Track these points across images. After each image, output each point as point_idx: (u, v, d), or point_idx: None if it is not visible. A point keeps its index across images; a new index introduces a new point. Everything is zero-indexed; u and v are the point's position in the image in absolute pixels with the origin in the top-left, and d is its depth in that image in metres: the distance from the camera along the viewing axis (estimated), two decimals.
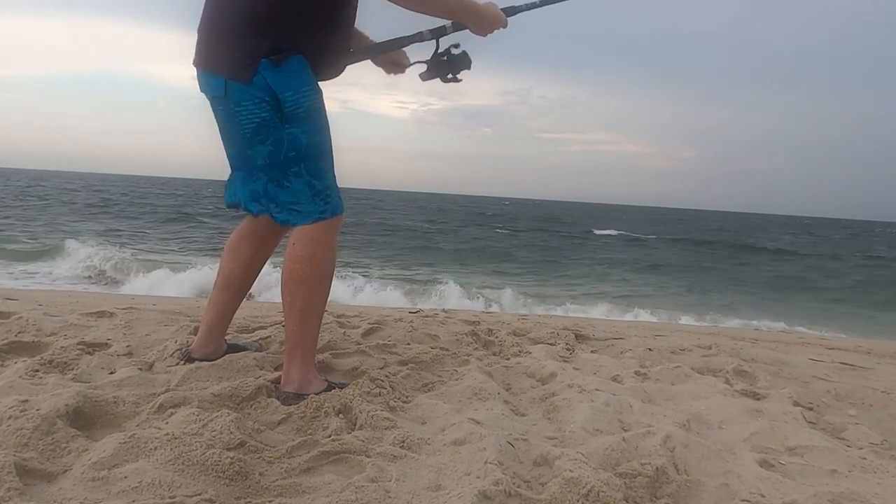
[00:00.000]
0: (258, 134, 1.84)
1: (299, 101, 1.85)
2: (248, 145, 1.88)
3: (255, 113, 1.83)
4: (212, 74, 1.87)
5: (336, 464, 1.51)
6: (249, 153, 1.89)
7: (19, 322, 2.52)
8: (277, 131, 1.84)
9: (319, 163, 1.91)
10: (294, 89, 1.84)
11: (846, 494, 1.50)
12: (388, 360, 2.35)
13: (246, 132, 1.85)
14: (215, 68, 1.86)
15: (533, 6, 2.18)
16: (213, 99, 1.90)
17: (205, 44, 1.90)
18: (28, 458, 1.36)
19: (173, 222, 20.03)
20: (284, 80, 1.82)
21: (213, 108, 1.93)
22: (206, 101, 1.95)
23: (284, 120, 1.84)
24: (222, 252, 2.17)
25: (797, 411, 2.11)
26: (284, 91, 1.82)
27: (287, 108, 1.83)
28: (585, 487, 1.38)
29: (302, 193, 1.88)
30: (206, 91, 1.91)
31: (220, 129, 1.95)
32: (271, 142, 1.85)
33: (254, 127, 1.84)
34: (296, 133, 1.85)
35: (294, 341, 1.93)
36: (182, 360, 2.10)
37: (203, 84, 1.91)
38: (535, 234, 27.20)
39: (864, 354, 3.80)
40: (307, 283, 1.90)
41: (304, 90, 1.87)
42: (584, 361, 2.64)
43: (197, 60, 1.92)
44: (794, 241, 33.58)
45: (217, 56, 1.86)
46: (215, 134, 2.00)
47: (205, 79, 1.90)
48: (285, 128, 1.84)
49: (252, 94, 1.81)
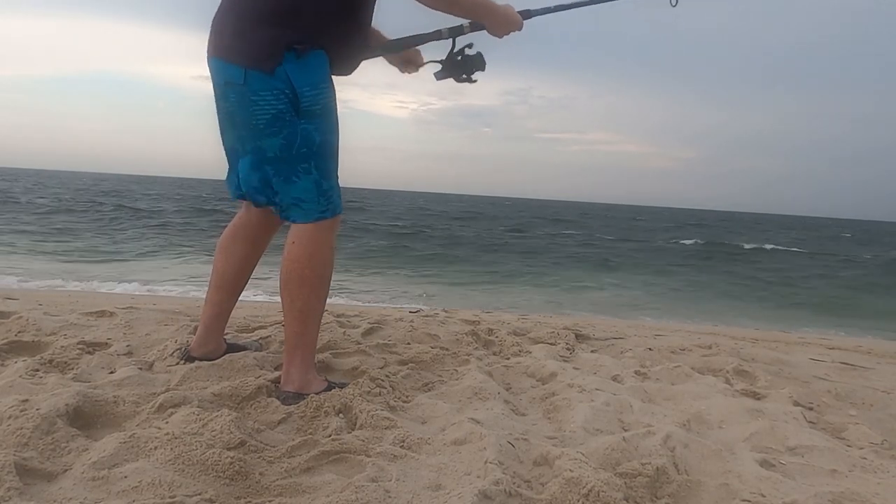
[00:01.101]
0: (272, 126, 1.83)
1: (316, 98, 1.84)
2: (259, 136, 1.85)
3: (273, 104, 1.81)
4: (230, 62, 1.83)
5: (336, 463, 1.51)
6: (259, 144, 1.86)
7: (19, 321, 2.52)
8: (292, 125, 1.83)
9: (329, 162, 1.91)
10: (313, 84, 1.83)
11: (846, 494, 1.50)
12: (388, 360, 2.35)
13: (259, 123, 1.83)
14: (235, 57, 1.82)
15: (547, 11, 2.20)
16: (227, 85, 1.86)
17: (224, 32, 1.87)
18: (28, 458, 1.36)
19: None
20: (305, 75, 1.81)
21: (224, 95, 1.88)
22: (211, 91, 1.92)
23: (300, 115, 1.83)
24: (215, 251, 2.17)
25: (797, 411, 2.11)
26: (303, 86, 1.81)
27: (304, 104, 1.83)
28: (586, 487, 1.38)
29: (309, 191, 1.88)
30: (219, 77, 1.88)
31: (227, 116, 1.92)
32: (284, 135, 1.83)
33: (268, 118, 1.82)
34: (309, 129, 1.85)
35: (294, 341, 1.92)
36: (181, 359, 2.10)
37: (217, 71, 1.88)
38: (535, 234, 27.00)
39: (865, 354, 3.81)
40: (307, 283, 1.90)
41: (323, 86, 1.86)
42: (585, 361, 2.64)
43: (213, 48, 1.89)
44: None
45: (239, 44, 1.83)
46: (214, 133, 1.99)
47: (221, 66, 1.86)
48: (300, 123, 1.83)
49: (272, 85, 1.80)
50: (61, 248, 11.67)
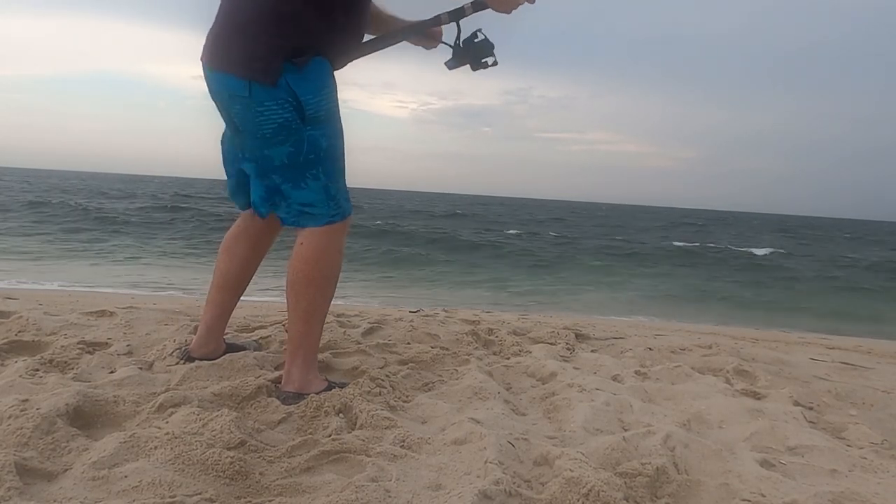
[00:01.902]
0: (279, 135, 1.83)
1: (320, 104, 1.84)
2: (266, 145, 1.85)
3: (279, 113, 1.81)
4: (232, 75, 1.82)
5: (336, 463, 1.51)
6: (267, 153, 1.86)
7: (19, 321, 2.52)
8: (298, 133, 1.83)
9: (336, 165, 1.91)
10: (315, 92, 1.83)
11: (846, 494, 1.50)
12: (388, 360, 2.35)
13: (266, 132, 1.83)
14: (237, 69, 1.81)
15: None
16: (231, 98, 1.85)
17: (224, 43, 1.85)
18: (28, 458, 1.36)
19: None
20: (306, 83, 1.81)
21: (229, 107, 1.87)
22: (212, 100, 1.92)
23: (305, 122, 1.83)
24: (218, 251, 2.17)
25: (797, 411, 2.11)
26: (306, 94, 1.81)
27: (309, 111, 1.82)
28: (586, 487, 1.38)
29: (318, 196, 1.88)
30: (222, 90, 1.86)
31: (233, 127, 1.92)
32: (291, 143, 1.83)
33: (275, 128, 1.82)
34: (316, 136, 1.85)
35: (297, 341, 1.93)
36: (181, 359, 2.10)
37: (219, 83, 1.86)
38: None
39: (865, 354, 3.81)
40: (314, 284, 1.90)
41: (325, 92, 1.86)
42: (585, 361, 2.64)
43: (212, 60, 1.87)
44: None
45: (238, 56, 1.81)
46: (214, 133, 1.99)
47: (223, 79, 1.84)
48: (306, 129, 1.83)
49: (276, 96, 1.79)
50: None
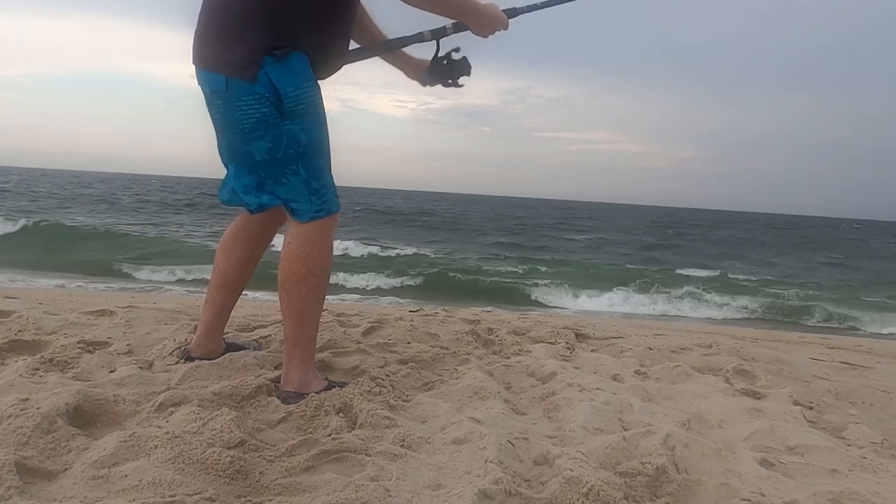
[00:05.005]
0: (257, 129, 1.83)
1: (300, 98, 1.84)
2: (246, 141, 1.86)
3: (256, 108, 1.81)
4: (212, 71, 1.85)
5: (336, 462, 1.51)
6: (247, 149, 1.87)
7: (19, 320, 2.52)
8: (277, 127, 1.83)
9: (317, 161, 1.91)
10: (295, 85, 1.83)
11: (846, 494, 1.50)
12: (388, 359, 2.35)
13: (245, 127, 1.84)
14: (216, 66, 1.84)
15: (534, 8, 2.16)
16: (213, 93, 1.88)
17: (204, 40, 1.88)
18: (28, 457, 1.36)
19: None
20: (286, 76, 1.81)
21: (211, 103, 1.90)
22: (203, 97, 1.93)
23: (284, 116, 1.83)
24: (216, 251, 2.17)
25: (797, 410, 2.11)
26: (286, 87, 1.81)
27: (288, 105, 1.83)
28: (586, 486, 1.38)
29: (299, 192, 1.88)
30: (205, 86, 1.89)
31: (217, 123, 1.94)
32: (270, 138, 1.84)
33: (253, 122, 1.83)
34: (295, 130, 1.85)
35: (293, 340, 1.93)
36: (181, 358, 2.10)
37: (203, 80, 1.90)
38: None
39: (865, 354, 3.80)
40: (304, 282, 1.90)
41: (305, 86, 1.86)
42: (585, 360, 2.64)
43: (196, 58, 1.90)
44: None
45: (219, 53, 1.84)
46: (212, 133, 1.99)
47: (205, 75, 1.88)
48: (285, 124, 1.84)
49: (254, 91, 1.80)
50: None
